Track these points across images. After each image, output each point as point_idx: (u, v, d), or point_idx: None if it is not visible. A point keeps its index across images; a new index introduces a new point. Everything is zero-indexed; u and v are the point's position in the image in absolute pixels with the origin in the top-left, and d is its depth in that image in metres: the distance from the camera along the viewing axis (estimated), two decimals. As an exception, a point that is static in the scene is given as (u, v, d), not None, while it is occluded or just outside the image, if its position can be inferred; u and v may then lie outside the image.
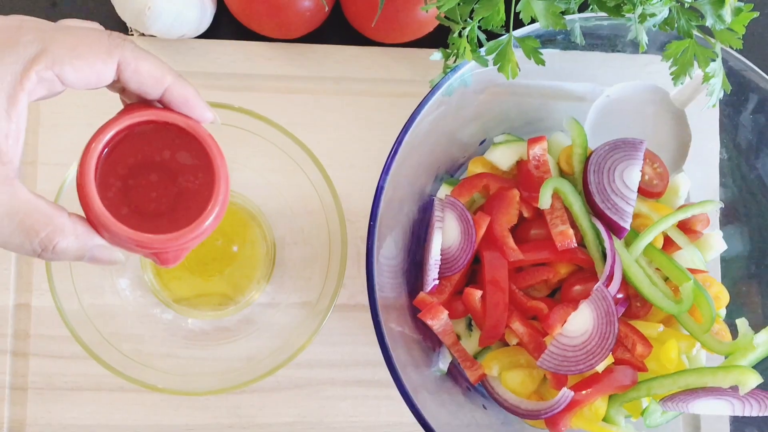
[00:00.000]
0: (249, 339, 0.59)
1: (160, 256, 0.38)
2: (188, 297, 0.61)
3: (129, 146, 0.37)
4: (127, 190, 0.37)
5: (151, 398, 0.60)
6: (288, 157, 0.55)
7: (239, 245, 0.62)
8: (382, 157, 0.51)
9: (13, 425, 0.59)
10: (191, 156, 0.38)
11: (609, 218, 0.55)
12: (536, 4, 0.48)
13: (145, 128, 0.38)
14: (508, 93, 0.59)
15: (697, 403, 0.52)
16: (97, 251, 0.37)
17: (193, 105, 0.38)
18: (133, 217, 0.37)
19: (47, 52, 0.33)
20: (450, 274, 0.55)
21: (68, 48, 0.34)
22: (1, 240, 0.34)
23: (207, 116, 0.38)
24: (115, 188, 0.37)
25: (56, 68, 0.34)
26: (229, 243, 0.62)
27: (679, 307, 0.54)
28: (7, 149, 0.33)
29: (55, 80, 0.34)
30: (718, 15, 0.49)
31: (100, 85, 0.36)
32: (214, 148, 0.38)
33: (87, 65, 0.34)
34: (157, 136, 0.38)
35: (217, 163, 0.38)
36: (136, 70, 0.36)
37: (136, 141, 0.38)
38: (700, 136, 0.60)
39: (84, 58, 0.34)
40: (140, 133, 0.38)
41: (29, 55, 0.33)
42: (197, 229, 0.37)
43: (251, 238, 0.62)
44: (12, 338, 0.60)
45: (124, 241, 0.37)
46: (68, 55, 0.34)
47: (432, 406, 0.52)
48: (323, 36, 0.65)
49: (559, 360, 0.52)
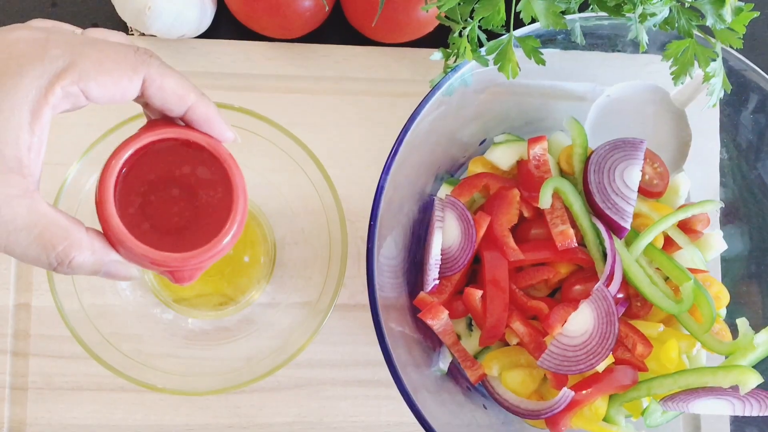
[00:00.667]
0: (249, 339, 0.59)
1: (175, 274, 0.38)
2: (188, 297, 0.61)
3: (149, 163, 0.38)
4: (146, 206, 0.37)
5: (151, 398, 0.60)
6: (288, 157, 0.55)
7: (239, 245, 0.62)
8: (382, 157, 0.51)
9: (13, 425, 0.59)
10: (211, 174, 0.38)
11: (609, 218, 0.55)
12: (536, 4, 0.48)
13: (166, 145, 0.38)
14: (508, 93, 0.59)
15: (697, 403, 0.52)
16: (112, 267, 0.37)
17: (214, 124, 0.38)
18: (152, 233, 0.37)
19: (74, 68, 0.33)
20: (450, 274, 0.55)
21: (95, 63, 0.34)
22: (18, 252, 0.34)
23: (228, 136, 0.39)
24: (135, 204, 0.37)
25: (82, 84, 0.34)
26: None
27: (679, 307, 0.54)
28: (29, 162, 0.34)
29: (80, 95, 0.34)
30: (719, 15, 0.49)
31: (124, 101, 0.36)
32: (234, 168, 0.38)
33: (112, 82, 0.34)
34: (178, 153, 0.38)
35: (236, 182, 0.38)
36: (160, 87, 0.36)
37: (156, 157, 0.38)
38: (700, 135, 0.60)
39: (110, 74, 0.34)
40: (161, 150, 0.38)
41: (55, 70, 0.33)
42: (215, 248, 0.37)
43: (251, 238, 0.62)
44: (12, 338, 0.60)
45: (141, 259, 0.37)
46: (94, 71, 0.34)
47: (432, 405, 0.52)
48: (323, 36, 0.65)
49: (559, 360, 0.52)
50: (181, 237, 0.38)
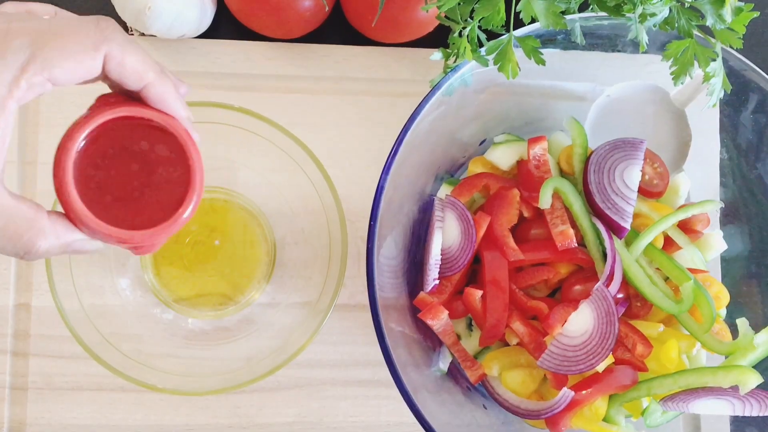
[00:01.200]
0: (249, 339, 0.59)
1: (137, 248, 0.40)
2: (188, 297, 0.61)
3: (106, 140, 0.38)
4: (106, 182, 0.38)
5: (151, 398, 0.60)
6: (288, 157, 0.55)
7: (239, 245, 0.62)
8: (382, 157, 0.51)
9: (13, 425, 0.59)
10: (168, 150, 0.39)
11: (609, 218, 0.55)
12: (536, 4, 0.48)
13: (122, 123, 0.38)
14: (508, 93, 0.59)
15: (697, 403, 0.52)
16: (77, 245, 0.38)
17: (168, 103, 0.38)
18: (113, 208, 0.38)
19: (36, 58, 0.33)
20: (450, 274, 0.55)
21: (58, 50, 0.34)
22: None
23: (181, 113, 0.39)
24: (94, 181, 0.38)
25: (46, 73, 0.34)
26: (230, 243, 0.62)
27: (679, 307, 0.54)
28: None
29: (46, 83, 0.34)
30: (719, 15, 0.49)
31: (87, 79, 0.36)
32: (190, 144, 0.39)
33: (76, 63, 0.34)
34: (134, 129, 0.38)
35: (192, 158, 0.39)
36: (120, 63, 0.36)
37: (112, 135, 0.38)
38: (700, 135, 0.60)
39: (74, 56, 0.34)
40: (116, 127, 0.38)
41: (18, 63, 0.33)
42: (175, 224, 0.38)
43: (251, 238, 0.62)
44: (12, 338, 0.60)
45: (104, 237, 0.38)
46: (58, 57, 0.34)
47: (432, 405, 0.52)
48: (323, 36, 0.65)
49: (559, 360, 0.52)
50: (141, 212, 0.38)
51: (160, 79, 0.37)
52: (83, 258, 0.54)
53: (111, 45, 0.35)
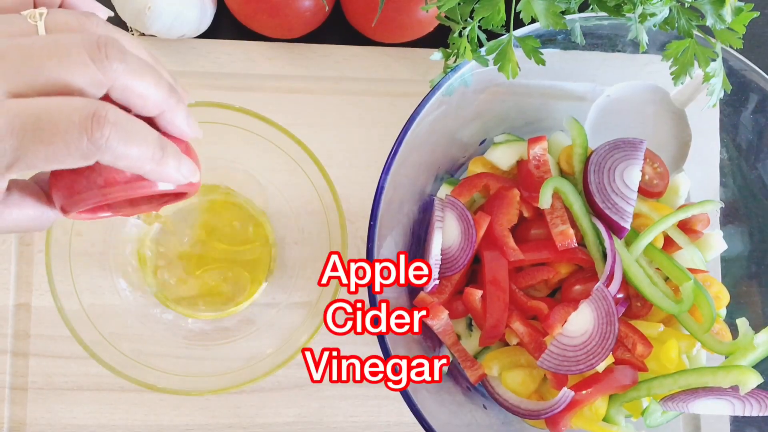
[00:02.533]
0: (249, 339, 0.59)
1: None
2: (188, 297, 0.61)
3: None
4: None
5: (151, 398, 0.60)
6: (288, 157, 0.55)
7: (240, 245, 0.62)
8: (382, 157, 0.51)
9: (13, 425, 0.59)
10: None
11: (609, 218, 0.55)
12: (536, 4, 0.48)
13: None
14: (508, 93, 0.59)
15: (697, 403, 0.52)
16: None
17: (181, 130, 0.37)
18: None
19: (20, 162, 0.32)
20: (450, 274, 0.55)
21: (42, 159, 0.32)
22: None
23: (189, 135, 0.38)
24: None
25: (29, 171, 0.33)
26: (230, 243, 0.62)
27: (679, 307, 0.54)
28: None
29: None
30: (719, 15, 0.49)
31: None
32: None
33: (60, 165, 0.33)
34: None
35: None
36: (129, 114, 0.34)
37: None
38: (700, 136, 0.60)
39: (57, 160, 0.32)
40: None
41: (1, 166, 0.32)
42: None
43: (252, 238, 0.62)
44: (12, 338, 0.60)
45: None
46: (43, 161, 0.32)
47: (432, 405, 0.52)
48: (323, 36, 0.65)
49: (559, 360, 0.52)
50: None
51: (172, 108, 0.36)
52: (83, 258, 0.55)
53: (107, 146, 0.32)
